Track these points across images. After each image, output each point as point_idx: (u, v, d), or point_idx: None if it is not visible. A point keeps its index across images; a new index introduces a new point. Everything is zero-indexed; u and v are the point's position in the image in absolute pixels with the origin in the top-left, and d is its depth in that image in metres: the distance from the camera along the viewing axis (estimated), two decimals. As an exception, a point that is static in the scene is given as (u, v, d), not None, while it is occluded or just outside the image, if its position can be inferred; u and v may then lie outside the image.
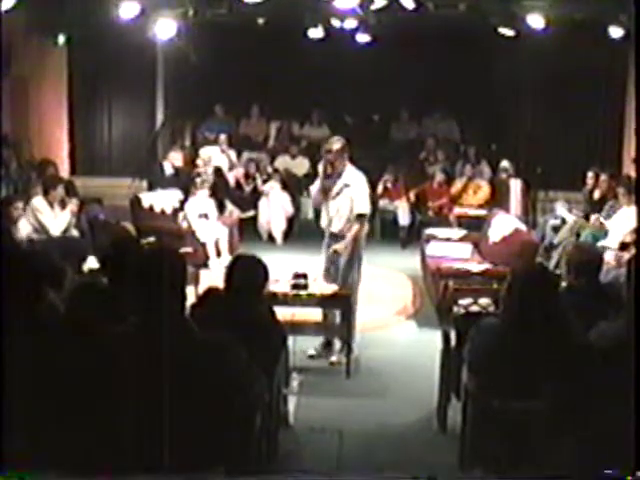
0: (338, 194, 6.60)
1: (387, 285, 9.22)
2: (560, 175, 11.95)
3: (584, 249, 5.54)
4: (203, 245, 9.51)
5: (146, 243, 7.37)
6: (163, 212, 10.06)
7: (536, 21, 9.67)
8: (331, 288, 6.49)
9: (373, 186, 11.64)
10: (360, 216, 6.60)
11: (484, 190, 11.92)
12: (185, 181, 10.59)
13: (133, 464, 2.89)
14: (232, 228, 10.28)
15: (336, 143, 6.61)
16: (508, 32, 10.50)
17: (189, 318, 3.18)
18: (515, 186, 11.25)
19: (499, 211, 9.91)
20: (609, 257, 7.62)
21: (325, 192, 6.67)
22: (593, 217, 9.24)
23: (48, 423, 3.04)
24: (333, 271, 6.67)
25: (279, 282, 6.39)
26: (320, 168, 6.75)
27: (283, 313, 5.60)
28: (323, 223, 6.82)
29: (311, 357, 6.70)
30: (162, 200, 10.13)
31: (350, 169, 6.66)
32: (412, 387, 6.07)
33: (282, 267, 6.93)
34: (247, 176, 12.21)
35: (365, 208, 6.63)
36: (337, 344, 6.73)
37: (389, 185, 11.98)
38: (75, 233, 8.61)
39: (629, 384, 3.27)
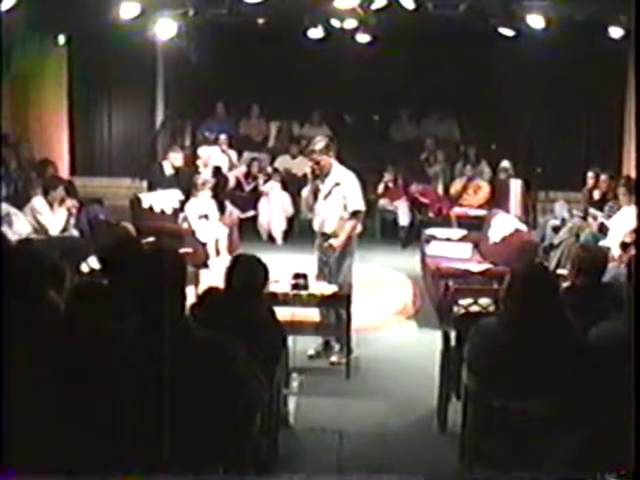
0: (329, 194, 6.60)
1: (387, 285, 9.22)
2: (560, 175, 11.95)
3: (590, 249, 5.53)
4: (203, 245, 9.51)
5: (146, 243, 7.37)
6: (163, 212, 10.05)
7: (536, 21, 9.68)
8: (331, 288, 6.49)
9: (373, 186, 11.72)
10: (356, 213, 6.59)
11: (484, 190, 11.92)
12: (185, 181, 10.58)
13: (133, 463, 2.89)
14: (232, 228, 10.28)
15: (319, 143, 6.63)
16: (508, 32, 10.50)
17: (189, 318, 3.18)
18: (515, 186, 11.24)
19: (499, 211, 9.90)
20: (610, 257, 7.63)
21: (315, 194, 6.68)
22: (594, 223, 9.21)
23: (48, 422, 3.04)
24: (327, 271, 6.68)
25: (279, 282, 6.39)
26: (308, 170, 6.76)
27: (283, 313, 5.60)
28: (315, 225, 6.80)
29: (311, 357, 6.69)
30: (162, 200, 10.12)
31: (338, 168, 6.66)
32: (412, 387, 6.06)
33: (282, 267, 6.93)
34: (247, 176, 12.21)
35: (360, 205, 6.63)
36: (337, 344, 6.72)
37: (390, 185, 11.99)
38: (75, 233, 8.62)
39: (629, 384, 3.27)
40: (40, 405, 3.05)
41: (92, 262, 7.54)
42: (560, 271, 7.75)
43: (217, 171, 11.55)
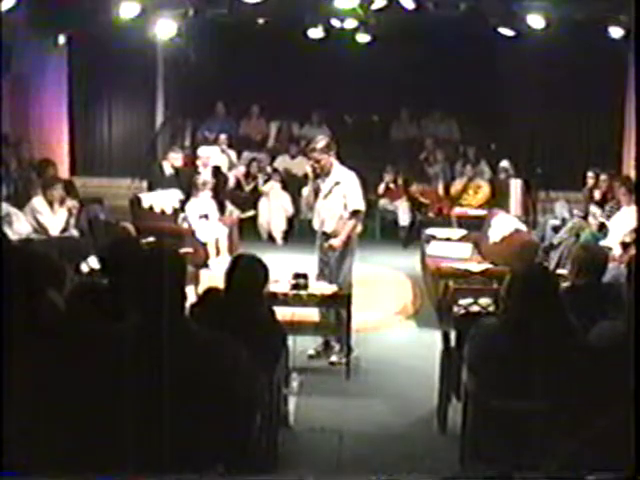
0: (329, 193, 6.59)
1: (387, 285, 9.22)
2: (560, 175, 11.95)
3: (590, 249, 5.54)
4: (203, 245, 9.51)
5: (146, 243, 7.37)
6: (163, 212, 10.06)
7: (536, 21, 9.68)
8: (331, 288, 6.49)
9: (373, 186, 11.72)
10: (355, 213, 6.58)
11: (484, 190, 11.93)
12: (185, 181, 10.59)
13: (133, 464, 2.88)
14: (232, 228, 10.28)
15: (320, 141, 6.63)
16: (508, 32, 10.51)
17: (189, 318, 3.18)
18: (515, 186, 11.24)
19: (499, 211, 9.91)
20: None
21: (316, 193, 6.67)
22: (594, 221, 9.19)
23: (48, 423, 3.04)
24: (327, 272, 6.67)
25: (279, 282, 6.39)
26: (308, 169, 6.75)
27: (283, 313, 5.60)
28: (315, 225, 6.80)
29: (311, 357, 6.69)
30: (162, 200, 10.13)
31: (339, 167, 6.66)
32: (412, 387, 6.06)
33: (282, 267, 6.93)
34: (247, 176, 12.21)
35: (360, 204, 6.61)
36: (336, 344, 6.72)
37: (390, 185, 12.00)
38: (75, 233, 8.62)
39: (629, 384, 3.27)
40: (40, 405, 3.05)
41: (92, 262, 7.55)
42: (560, 271, 7.76)
43: (217, 171, 11.55)
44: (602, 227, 8.96)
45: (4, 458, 2.85)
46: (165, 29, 10.26)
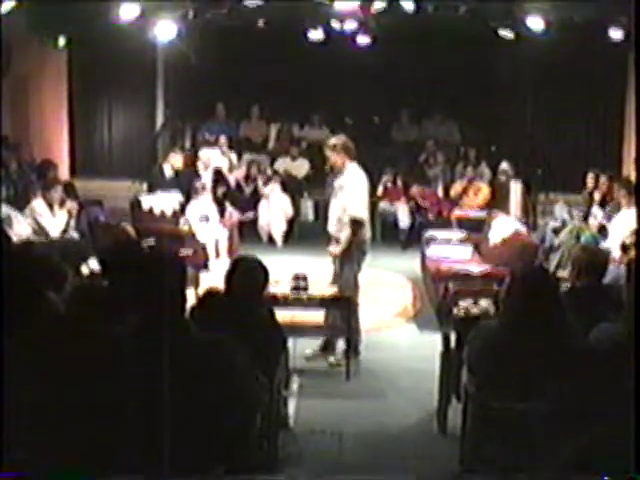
0: (335, 194, 6.58)
1: (387, 287, 9.21)
2: (560, 177, 11.96)
3: (590, 250, 5.54)
4: (203, 247, 9.52)
5: (146, 245, 7.37)
6: (163, 214, 10.06)
7: (536, 23, 9.68)
8: (331, 290, 6.49)
9: (374, 188, 11.69)
10: (353, 220, 6.45)
11: (484, 192, 11.92)
12: (185, 183, 10.59)
13: (133, 464, 2.89)
14: (232, 230, 10.29)
15: (332, 139, 6.65)
16: (508, 34, 10.51)
17: (189, 320, 3.18)
18: (515, 188, 11.24)
19: (499, 213, 9.91)
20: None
21: (331, 190, 6.69)
22: (595, 222, 9.19)
23: (48, 424, 3.04)
24: (334, 274, 6.67)
25: (279, 284, 6.38)
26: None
27: (283, 315, 5.60)
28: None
29: (308, 359, 6.66)
30: (162, 202, 10.13)
31: (351, 170, 6.56)
32: (412, 389, 6.07)
33: (282, 269, 6.93)
34: (247, 177, 12.21)
35: (357, 212, 6.46)
36: (339, 346, 6.71)
37: (389, 186, 12.00)
38: (75, 235, 8.62)
39: (629, 385, 3.27)
40: (40, 406, 3.05)
41: (92, 264, 7.54)
42: (560, 273, 7.76)
43: (217, 173, 11.56)
44: (602, 229, 8.97)
45: (4, 458, 2.85)
46: (165, 31, 10.26)
